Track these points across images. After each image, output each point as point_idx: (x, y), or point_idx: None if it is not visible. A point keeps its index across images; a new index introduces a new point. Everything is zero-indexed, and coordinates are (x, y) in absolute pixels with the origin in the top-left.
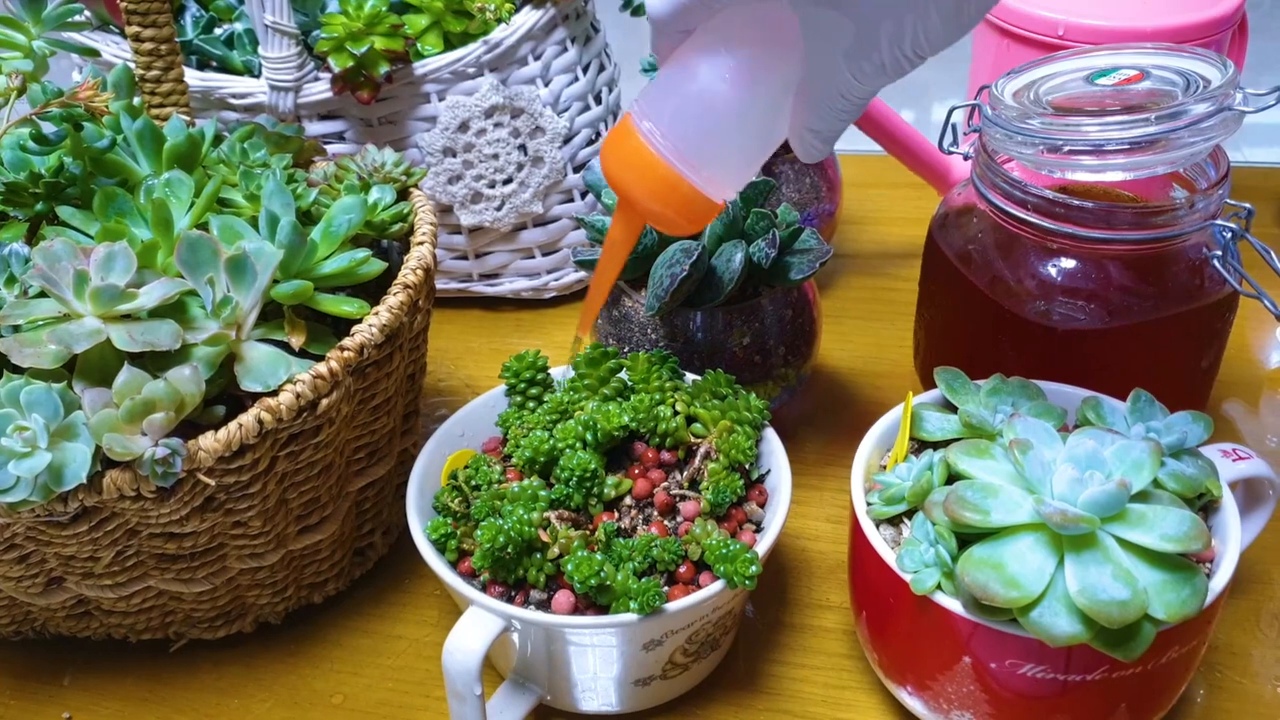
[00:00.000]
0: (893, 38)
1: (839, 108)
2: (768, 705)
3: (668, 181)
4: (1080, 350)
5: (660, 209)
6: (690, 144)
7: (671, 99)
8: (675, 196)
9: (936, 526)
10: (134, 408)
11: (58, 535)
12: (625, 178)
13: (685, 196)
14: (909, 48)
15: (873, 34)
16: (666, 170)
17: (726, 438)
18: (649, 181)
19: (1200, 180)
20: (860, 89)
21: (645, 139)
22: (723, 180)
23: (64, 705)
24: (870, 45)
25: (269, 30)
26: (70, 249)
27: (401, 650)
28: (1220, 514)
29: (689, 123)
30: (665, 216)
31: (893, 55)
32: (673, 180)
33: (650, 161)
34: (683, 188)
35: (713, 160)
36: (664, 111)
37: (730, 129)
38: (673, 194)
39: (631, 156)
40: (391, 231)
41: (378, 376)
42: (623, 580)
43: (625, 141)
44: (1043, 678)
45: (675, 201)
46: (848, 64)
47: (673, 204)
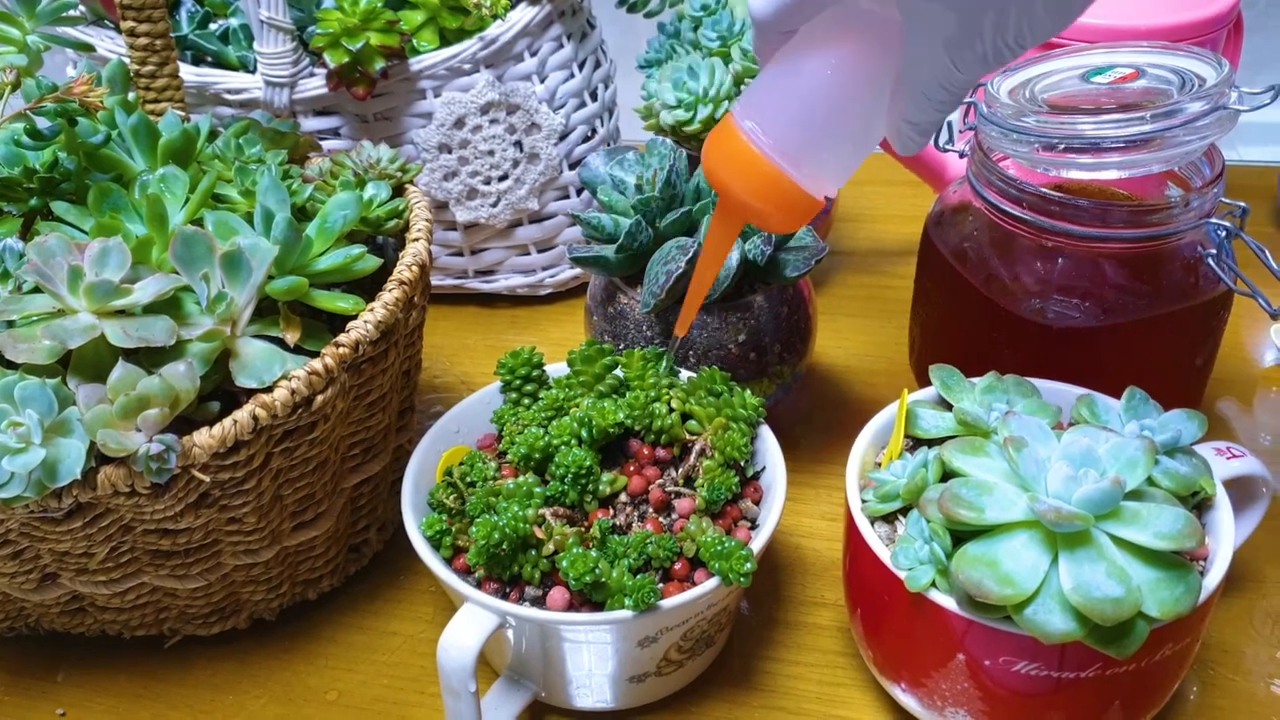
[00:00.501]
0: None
1: (938, 99)
2: (762, 702)
3: (770, 178)
4: (1075, 348)
5: (761, 206)
6: (792, 140)
7: (773, 96)
8: (776, 193)
9: (931, 524)
10: (128, 404)
11: (52, 531)
12: (727, 175)
13: (786, 193)
14: (1012, 37)
15: (976, 24)
16: (768, 167)
17: (721, 435)
18: (751, 179)
19: (1195, 178)
20: (961, 79)
21: (747, 136)
22: (825, 176)
23: (58, 701)
24: (973, 35)
25: (264, 25)
26: (65, 244)
27: (396, 646)
28: (1214, 512)
29: (791, 119)
30: (766, 213)
31: (995, 45)
32: (774, 177)
33: (752, 159)
34: (784, 184)
35: (815, 156)
36: (766, 109)
37: (832, 124)
38: (774, 190)
39: (733, 154)
40: (387, 228)
41: (373, 373)
42: (618, 577)
43: (727, 140)
44: (1037, 675)
45: (776, 198)
46: (949, 54)
47: (774, 201)
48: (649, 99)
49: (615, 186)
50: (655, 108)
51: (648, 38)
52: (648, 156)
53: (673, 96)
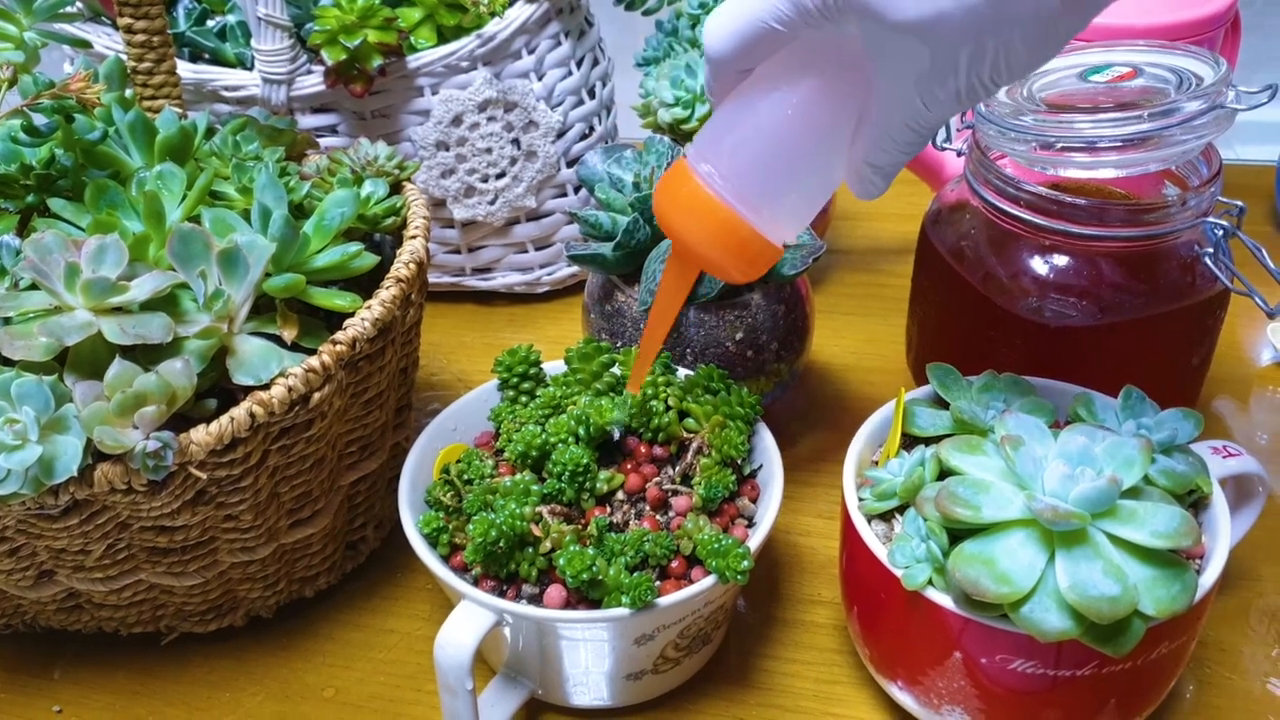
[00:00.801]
0: (972, 63)
1: (904, 139)
2: (759, 700)
3: (728, 225)
4: (1072, 347)
5: (719, 254)
6: (751, 185)
7: (730, 138)
8: (735, 240)
9: (928, 522)
10: (125, 401)
11: (48, 528)
12: (681, 222)
13: (745, 240)
14: (988, 74)
15: (951, 60)
16: (726, 213)
17: (719, 433)
18: (708, 225)
19: (1192, 178)
20: (930, 117)
21: (703, 181)
22: (784, 222)
23: (54, 699)
24: (947, 71)
25: (262, 23)
26: (61, 241)
27: (393, 644)
28: (1210, 511)
29: (749, 162)
30: (723, 261)
31: (969, 82)
32: (733, 223)
33: (709, 204)
34: (743, 231)
35: (774, 201)
36: (722, 152)
37: (793, 167)
38: (732, 237)
39: (688, 200)
40: (384, 225)
41: (370, 370)
42: (614, 575)
43: (681, 185)
44: (1033, 673)
45: (735, 245)
46: (920, 92)
47: (732, 248)
48: (647, 97)
49: (613, 184)
50: (653, 105)
51: (645, 35)
52: (645, 154)
53: (670, 94)
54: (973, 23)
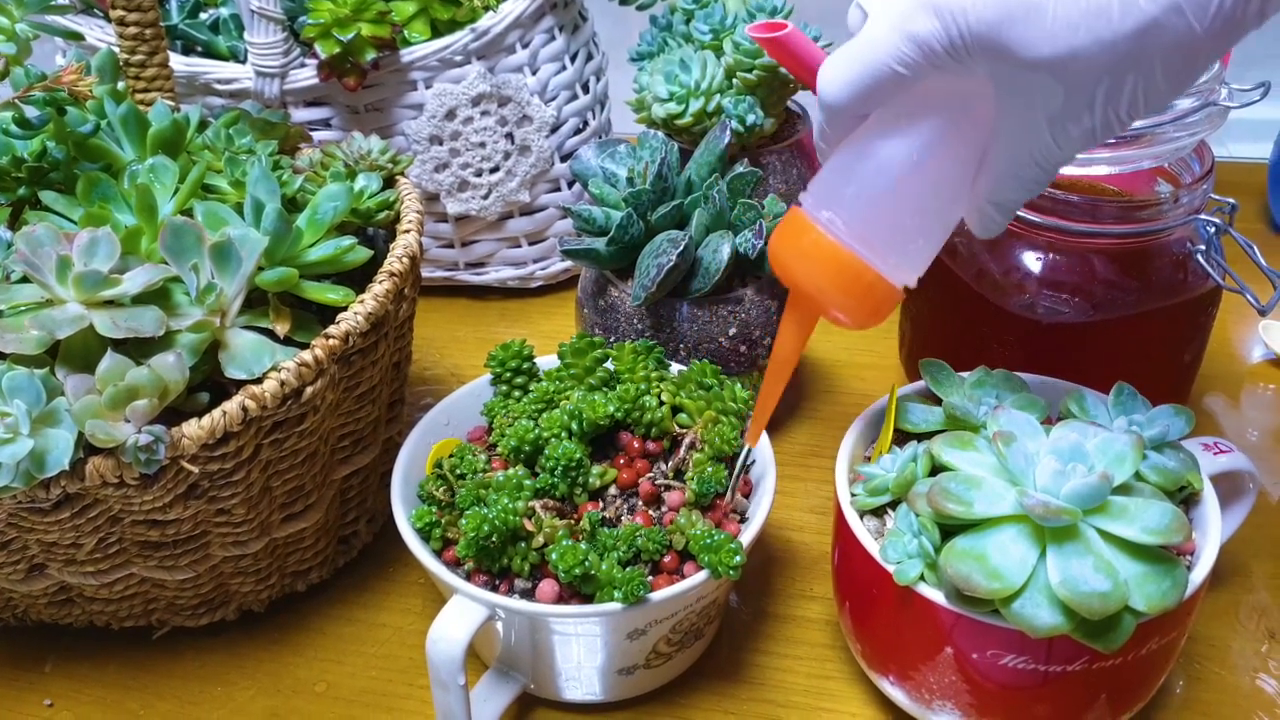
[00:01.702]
0: (1109, 98)
1: (1030, 176)
2: (751, 695)
3: (853, 270)
4: (1064, 343)
5: (844, 300)
6: (876, 230)
7: (851, 184)
8: (860, 286)
9: (920, 518)
10: (117, 394)
11: (40, 522)
12: (804, 270)
13: (869, 285)
14: (1125, 109)
15: (1087, 96)
16: (850, 259)
17: (711, 428)
18: (833, 272)
19: (1185, 175)
20: (1060, 155)
21: (825, 228)
22: (909, 264)
23: (45, 692)
24: (1081, 108)
25: (255, 15)
26: (53, 234)
27: (385, 638)
28: (1201, 507)
29: (873, 208)
30: (848, 307)
31: (1105, 118)
32: (858, 269)
33: (832, 251)
34: (868, 276)
35: (900, 245)
36: (844, 197)
37: (918, 210)
38: (857, 283)
39: (811, 248)
40: (377, 219)
41: (363, 364)
42: (607, 569)
43: (801, 234)
44: (1024, 668)
45: (859, 291)
46: (1051, 130)
47: (856, 294)
48: (641, 92)
49: (607, 179)
50: (647, 101)
51: (640, 30)
52: (639, 149)
53: (665, 89)
54: (1111, 59)
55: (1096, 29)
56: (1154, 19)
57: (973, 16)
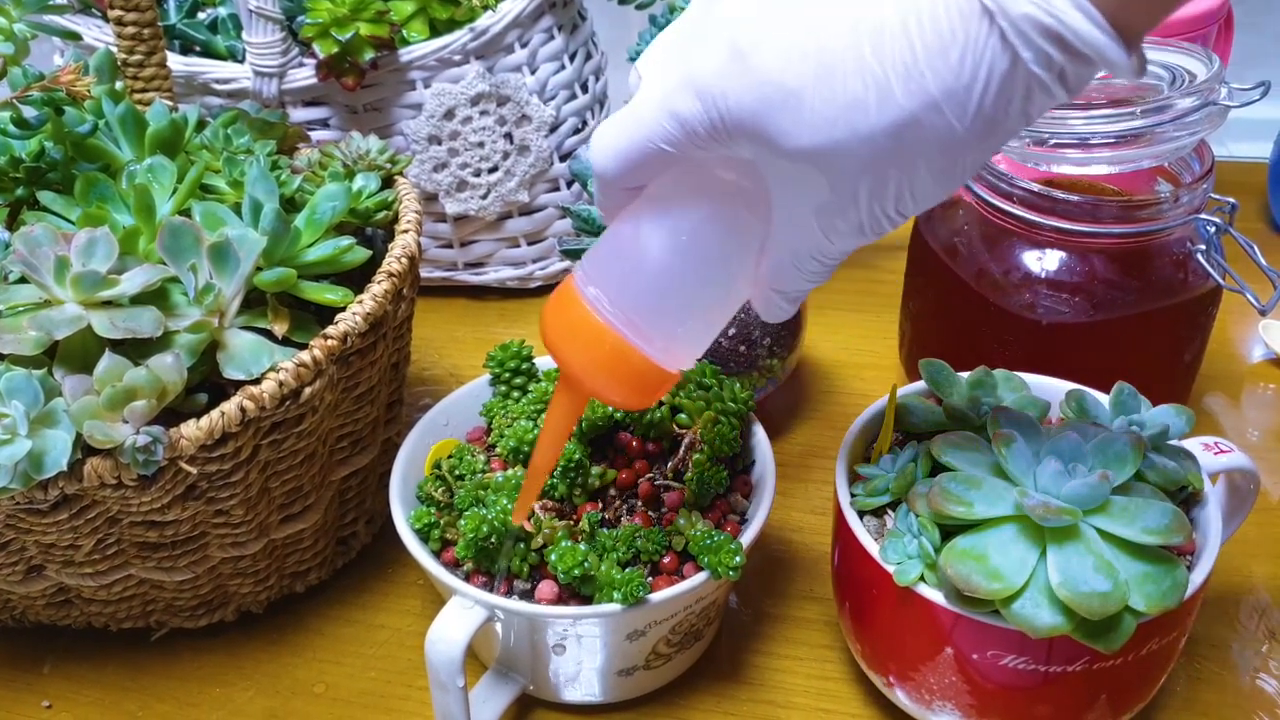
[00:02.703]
0: (873, 195)
1: (809, 269)
2: (750, 696)
3: (618, 352)
4: (1064, 343)
5: (609, 382)
6: (642, 311)
7: (621, 261)
8: (626, 369)
9: (920, 518)
10: (115, 395)
11: (38, 523)
12: (568, 349)
13: (637, 369)
14: (892, 205)
15: (851, 191)
16: (616, 340)
17: (711, 429)
18: (597, 354)
19: (1185, 174)
20: (833, 249)
21: (591, 306)
22: (680, 350)
23: (44, 694)
24: (847, 202)
25: (253, 15)
26: (51, 234)
27: (384, 639)
28: (1201, 507)
29: (641, 287)
30: (614, 390)
31: (872, 214)
32: (623, 351)
33: (597, 331)
34: (634, 359)
35: (668, 327)
36: (611, 275)
37: (689, 294)
38: (622, 365)
39: (576, 325)
40: (376, 219)
41: (361, 365)
42: (606, 570)
43: (568, 309)
44: (1024, 669)
45: (625, 374)
46: (820, 222)
47: (622, 376)
48: None
49: None
50: None
51: (639, 30)
52: None
53: None
54: (870, 153)
55: (854, 122)
56: (912, 115)
57: (733, 101)
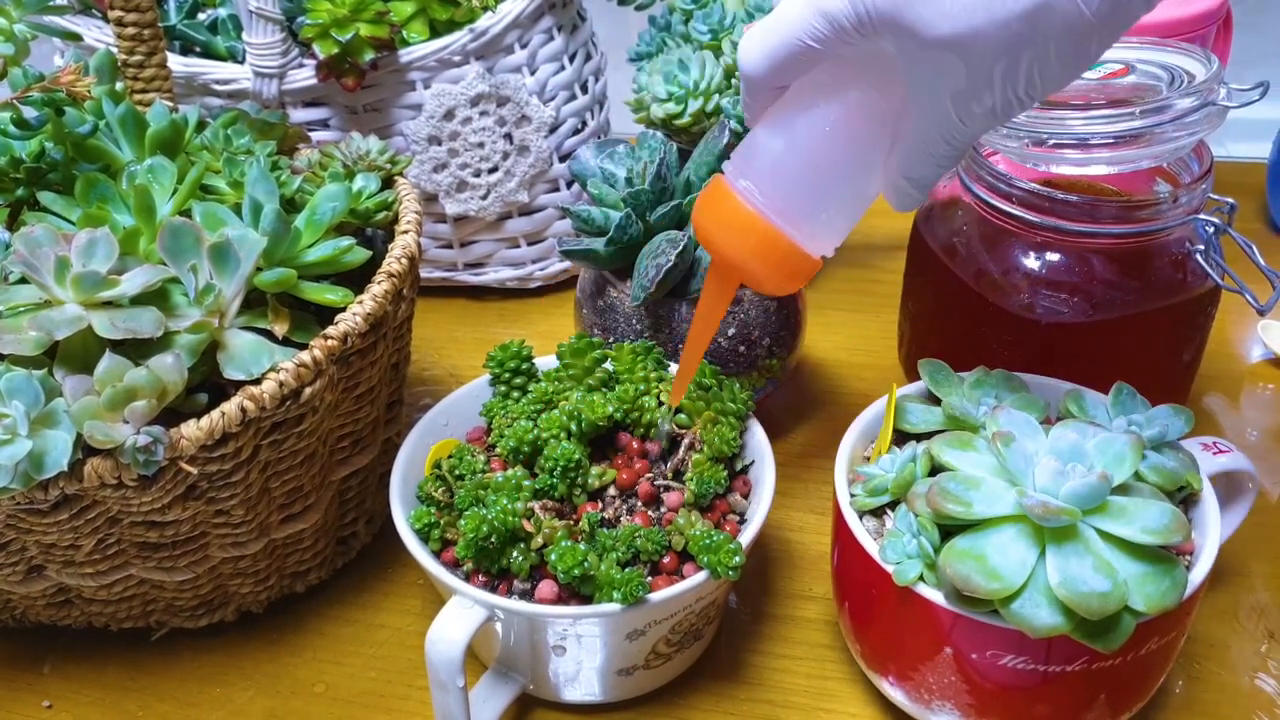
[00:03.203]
0: (1006, 78)
1: (940, 153)
2: (750, 695)
3: (768, 239)
4: (1063, 343)
5: (761, 268)
6: (790, 200)
7: (769, 155)
8: (775, 254)
9: (919, 518)
10: (115, 395)
11: (38, 523)
12: (722, 237)
13: (785, 254)
14: (1023, 89)
15: (985, 75)
16: (766, 227)
17: (711, 429)
18: (749, 240)
19: (1184, 175)
20: (966, 132)
21: (742, 197)
22: (823, 235)
23: (44, 694)
24: (982, 86)
25: (253, 16)
26: (51, 235)
27: (384, 639)
28: (1200, 507)
29: (789, 178)
30: (765, 275)
31: (1004, 97)
32: (773, 238)
33: (749, 220)
34: (782, 244)
35: (814, 215)
36: (762, 168)
37: (831, 183)
38: (772, 251)
39: (729, 215)
40: (376, 220)
41: (361, 365)
42: (606, 570)
43: (721, 201)
44: (1023, 669)
45: (775, 259)
46: (955, 107)
47: (772, 261)
48: (640, 92)
49: (605, 180)
50: (646, 101)
51: (639, 30)
52: (638, 150)
53: (664, 89)
54: (1006, 39)
55: (992, 9)
56: (1045, 1)
57: None
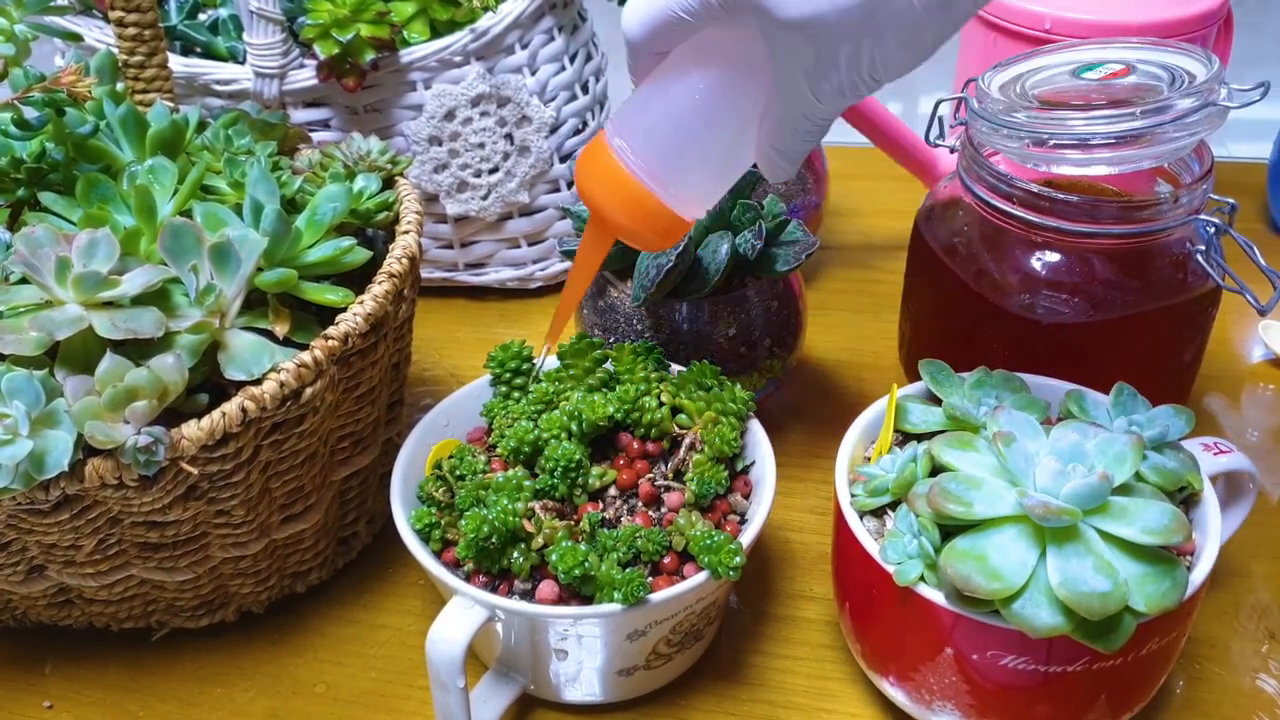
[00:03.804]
0: (850, 61)
1: (803, 128)
2: (750, 695)
3: (637, 197)
4: (1064, 343)
5: (629, 224)
6: (660, 161)
7: (644, 117)
8: (643, 212)
9: (920, 518)
10: (116, 395)
11: (39, 523)
12: (596, 192)
13: (653, 212)
14: (865, 72)
15: (832, 57)
16: (636, 186)
17: (711, 429)
18: (619, 197)
19: (1184, 175)
20: (822, 110)
21: (617, 155)
22: (691, 198)
23: (45, 694)
24: (830, 68)
25: (254, 16)
26: (52, 235)
27: (385, 639)
28: (1201, 507)
29: (659, 140)
30: (634, 231)
31: (850, 79)
32: (641, 196)
33: (621, 177)
34: (651, 203)
35: (681, 177)
36: (636, 129)
37: (699, 147)
38: (640, 209)
39: (603, 172)
40: (377, 220)
41: (362, 365)
42: (607, 571)
43: (597, 157)
44: (1024, 669)
45: (643, 217)
46: (809, 85)
47: (640, 219)
48: None
49: None
50: None
51: None
52: None
53: None
54: (848, 24)
55: None
56: None
57: None
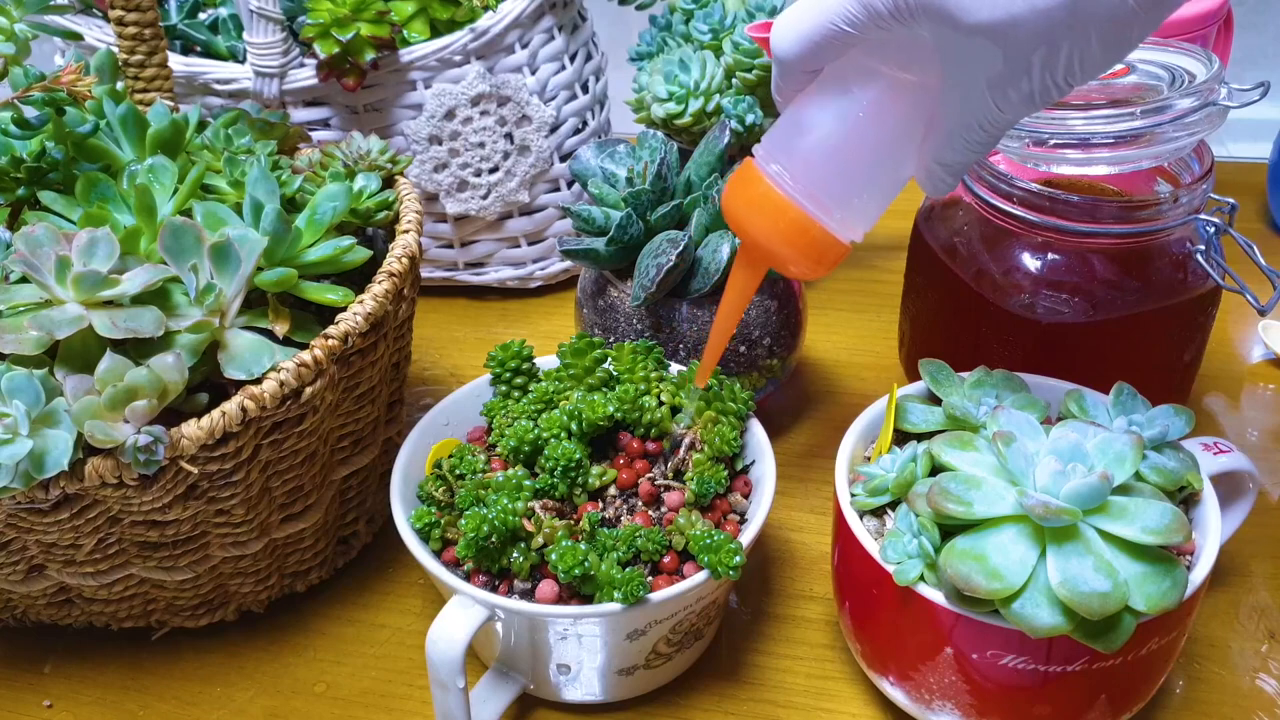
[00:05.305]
0: (1045, 64)
1: (975, 139)
2: (750, 695)
3: (799, 225)
4: (1064, 343)
5: (789, 253)
6: (822, 185)
7: (801, 139)
8: (805, 239)
9: (920, 518)
10: (116, 395)
11: (39, 523)
12: (753, 222)
13: (815, 239)
14: (1061, 75)
15: (1024, 61)
16: (797, 213)
17: (711, 429)
18: (779, 225)
19: (1184, 175)
20: (1002, 118)
21: (773, 181)
22: (854, 221)
23: (45, 693)
24: (1020, 73)
25: (254, 15)
26: (52, 234)
27: (385, 639)
28: (1201, 507)
29: (821, 163)
30: (793, 259)
31: (1043, 83)
32: (804, 223)
33: (780, 205)
34: (814, 230)
35: (845, 200)
36: (793, 152)
37: (863, 168)
38: (803, 237)
39: (760, 200)
40: (377, 219)
41: (362, 365)
42: (607, 570)
43: (751, 185)
44: (1024, 669)
45: (805, 244)
46: (992, 93)
47: (801, 247)
48: (640, 92)
49: (606, 179)
50: (646, 100)
51: (639, 30)
52: (639, 149)
53: (664, 89)
54: (1046, 25)
55: None
56: None
57: None
